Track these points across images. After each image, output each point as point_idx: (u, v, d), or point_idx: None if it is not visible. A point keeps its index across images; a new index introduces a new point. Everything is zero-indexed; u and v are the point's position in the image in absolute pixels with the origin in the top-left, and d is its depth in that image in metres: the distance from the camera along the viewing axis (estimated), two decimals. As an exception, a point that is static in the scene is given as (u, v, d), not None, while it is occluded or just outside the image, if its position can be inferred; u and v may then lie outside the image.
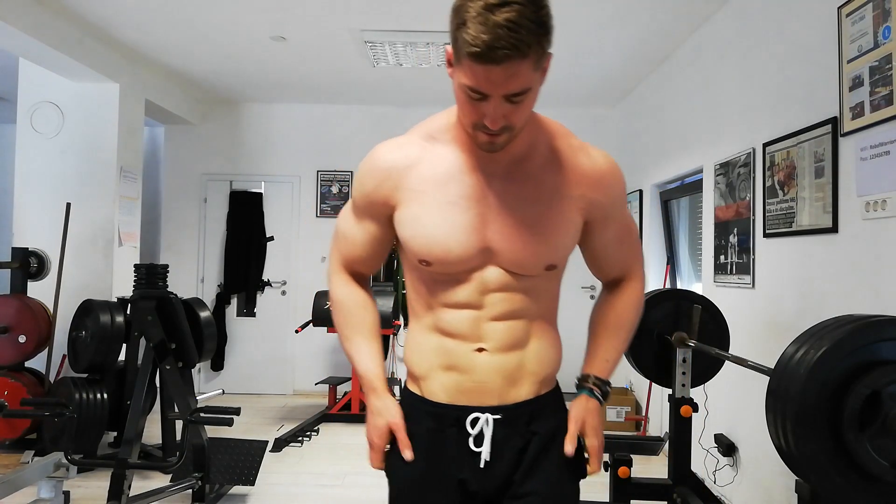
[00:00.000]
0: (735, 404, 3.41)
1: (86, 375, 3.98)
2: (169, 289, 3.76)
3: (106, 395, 3.93)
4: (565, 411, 1.32)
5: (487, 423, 1.23)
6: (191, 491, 3.36)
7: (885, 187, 2.25)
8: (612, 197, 1.27)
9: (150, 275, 3.72)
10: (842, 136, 2.52)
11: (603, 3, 3.77)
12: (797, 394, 1.48)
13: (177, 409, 3.55)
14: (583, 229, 1.27)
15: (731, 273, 3.48)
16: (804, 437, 1.48)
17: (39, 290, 4.50)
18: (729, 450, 3.44)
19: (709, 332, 2.70)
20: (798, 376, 1.50)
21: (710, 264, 3.81)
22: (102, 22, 4.27)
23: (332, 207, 6.39)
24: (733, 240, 3.47)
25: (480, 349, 1.23)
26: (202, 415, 3.26)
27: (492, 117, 1.09)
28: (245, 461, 3.52)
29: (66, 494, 2.92)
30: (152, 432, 4.22)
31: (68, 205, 4.59)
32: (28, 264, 4.48)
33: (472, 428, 1.23)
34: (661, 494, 2.72)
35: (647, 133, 5.22)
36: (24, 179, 4.84)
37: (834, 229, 2.56)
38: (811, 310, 2.71)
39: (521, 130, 1.16)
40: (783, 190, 2.96)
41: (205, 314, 4.00)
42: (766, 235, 3.12)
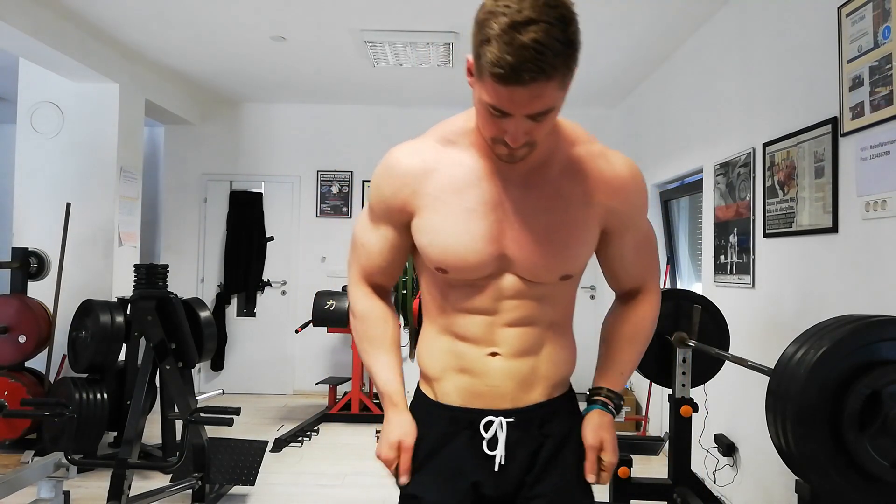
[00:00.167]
0: (735, 404, 3.41)
1: (86, 375, 3.99)
2: (169, 289, 3.76)
3: (106, 395, 3.93)
4: (578, 415, 1.31)
5: (501, 426, 1.22)
6: (191, 491, 3.36)
7: (885, 187, 2.25)
8: (632, 205, 1.24)
9: (150, 275, 3.72)
10: (842, 136, 2.52)
11: (603, 3, 3.77)
12: (797, 394, 1.48)
13: (177, 409, 3.55)
14: (600, 238, 1.25)
15: (731, 273, 3.48)
16: (804, 437, 1.48)
17: (39, 290, 4.50)
18: (729, 450, 3.44)
19: (709, 332, 2.70)
20: (798, 376, 1.50)
21: (710, 264, 3.81)
22: (102, 22, 4.27)
23: (332, 207, 6.39)
24: (733, 240, 3.47)
25: (494, 353, 1.22)
26: (202, 415, 3.26)
27: (513, 135, 1.06)
28: (245, 461, 3.52)
29: (66, 494, 2.92)
30: (152, 432, 4.21)
31: (68, 205, 4.59)
32: (28, 264, 4.48)
33: (485, 431, 1.23)
34: (661, 494, 2.72)
35: (648, 133, 5.22)
36: (24, 179, 4.84)
37: (834, 229, 2.56)
38: (811, 310, 2.71)
39: (543, 143, 1.13)
40: (783, 190, 2.96)
41: (205, 314, 4.00)
42: (766, 235, 3.12)
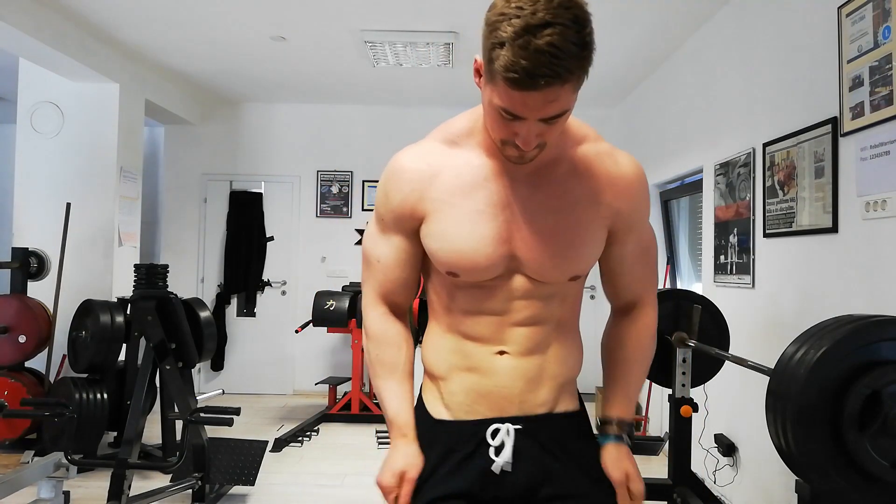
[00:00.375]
0: (735, 404, 3.41)
1: (86, 375, 3.99)
2: (169, 289, 3.76)
3: (106, 395, 3.94)
4: (593, 438, 1.29)
5: (508, 433, 1.20)
6: (191, 491, 3.36)
7: (885, 187, 2.25)
8: (637, 207, 1.23)
9: (150, 275, 3.72)
10: (842, 136, 2.52)
11: (603, 3, 3.77)
12: (797, 394, 1.48)
13: (177, 409, 3.55)
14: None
15: (731, 273, 3.48)
16: (804, 437, 1.48)
17: (39, 290, 4.50)
18: (729, 450, 3.44)
19: (709, 332, 2.70)
20: (798, 376, 1.50)
21: (710, 264, 3.81)
22: (103, 22, 4.27)
23: (332, 207, 6.39)
24: (733, 240, 3.47)
25: (502, 352, 1.21)
26: (202, 415, 3.26)
27: (525, 139, 1.05)
28: (245, 461, 3.52)
29: (66, 494, 2.92)
30: (152, 432, 4.22)
31: (68, 205, 4.59)
32: (28, 264, 4.48)
33: (492, 439, 1.21)
34: (661, 494, 2.72)
35: (648, 133, 5.22)
36: (24, 179, 4.84)
37: (834, 229, 2.56)
38: (811, 310, 2.71)
39: (552, 143, 1.12)
40: (783, 190, 2.96)
41: (205, 314, 4.00)
42: (766, 235, 3.12)
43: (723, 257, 3.61)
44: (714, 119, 3.83)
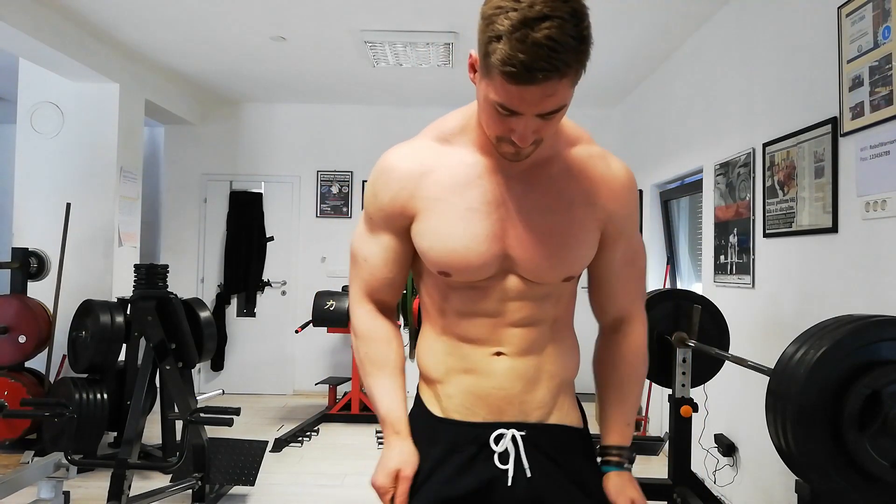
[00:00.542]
0: (735, 404, 3.41)
1: (86, 375, 3.99)
2: (169, 289, 3.76)
3: (106, 395, 3.93)
4: (594, 461, 1.27)
5: (515, 440, 1.18)
6: (191, 491, 3.36)
7: (885, 187, 2.25)
8: (629, 211, 1.22)
9: (150, 275, 3.72)
10: (842, 136, 2.52)
11: (603, 3, 3.77)
12: (797, 394, 1.48)
13: (177, 409, 3.55)
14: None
15: (731, 273, 3.48)
16: (804, 437, 1.48)
17: (39, 290, 4.50)
18: (729, 450, 3.44)
19: (709, 332, 2.70)
20: (798, 376, 1.50)
21: (710, 264, 3.81)
22: (102, 22, 4.27)
23: (332, 207, 6.39)
24: (733, 240, 3.47)
25: (499, 353, 1.19)
26: (202, 415, 3.26)
27: (521, 134, 1.03)
28: (245, 461, 3.52)
29: (66, 494, 2.92)
30: (152, 432, 4.21)
31: (68, 205, 4.59)
32: (28, 264, 4.48)
33: (496, 444, 1.18)
34: (661, 494, 2.72)
35: (648, 133, 5.22)
36: (24, 179, 4.84)
37: (834, 229, 2.56)
38: (811, 310, 2.71)
39: (548, 139, 1.10)
40: (783, 190, 2.96)
41: (205, 314, 4.00)
42: (766, 235, 3.12)
43: (723, 257, 3.61)
44: (714, 119, 3.83)
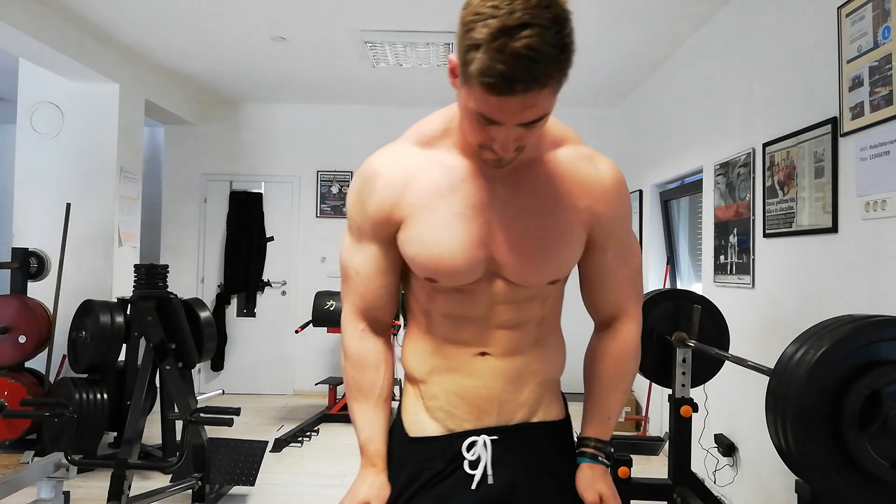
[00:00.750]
0: (735, 404, 3.41)
1: (86, 375, 3.99)
2: (169, 289, 3.76)
3: (106, 395, 3.94)
4: (573, 455, 1.27)
5: (485, 445, 1.18)
6: (191, 491, 3.36)
7: (885, 187, 2.25)
8: (617, 211, 1.19)
9: (150, 275, 3.72)
10: (842, 136, 2.52)
11: (604, 3, 3.77)
12: (797, 394, 1.48)
13: (177, 409, 3.55)
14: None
15: (731, 273, 3.48)
16: (804, 437, 1.48)
17: (39, 290, 4.50)
18: (729, 450, 3.44)
19: (709, 332, 2.70)
20: (798, 376, 1.50)
21: (710, 264, 3.81)
22: (103, 22, 4.27)
23: (332, 207, 6.39)
24: (733, 240, 3.47)
25: (483, 353, 1.19)
26: (202, 415, 3.26)
27: (502, 143, 1.00)
28: (245, 461, 3.52)
29: (66, 494, 2.92)
30: (152, 432, 4.22)
31: (68, 205, 4.59)
32: (28, 264, 4.48)
33: (468, 452, 1.18)
34: (661, 494, 2.72)
35: (648, 133, 5.22)
36: (24, 179, 4.84)
37: (834, 229, 2.56)
38: (811, 310, 2.71)
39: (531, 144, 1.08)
40: (783, 190, 2.96)
41: (205, 314, 4.00)
42: (765, 235, 3.12)
43: (723, 257, 3.61)
44: (714, 119, 3.83)
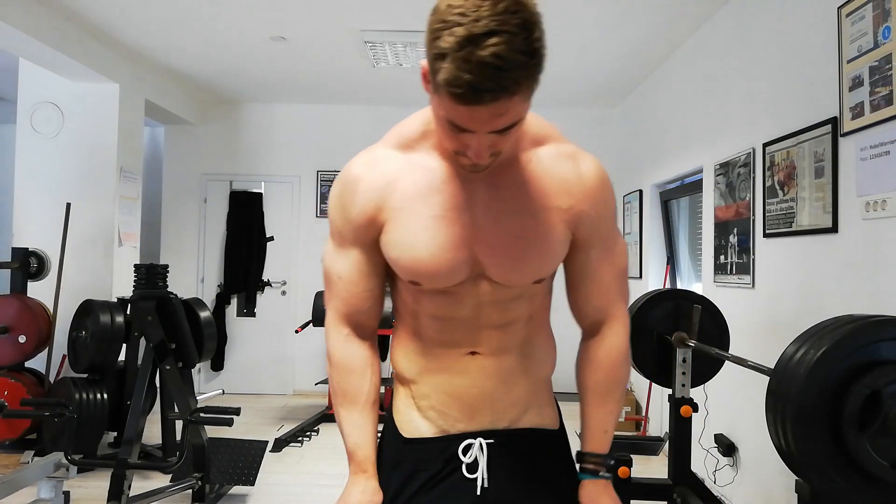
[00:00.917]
0: (735, 404, 3.41)
1: (86, 375, 3.99)
2: (169, 289, 3.76)
3: (106, 395, 3.94)
4: (570, 461, 1.27)
5: (482, 448, 1.17)
6: (191, 491, 3.36)
7: (885, 187, 2.25)
8: (600, 210, 1.16)
9: (150, 275, 3.72)
10: (842, 136, 2.52)
11: (604, 3, 3.77)
12: (797, 394, 1.48)
13: (177, 409, 3.55)
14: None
15: (731, 273, 3.48)
16: (804, 437, 1.48)
17: (39, 290, 4.50)
18: (729, 450, 3.44)
19: (709, 332, 2.70)
20: (798, 376, 1.50)
21: (710, 264, 3.81)
22: (103, 22, 4.27)
23: (332, 207, 6.38)
24: (733, 240, 3.47)
25: (473, 353, 1.18)
26: (202, 415, 3.26)
27: (476, 151, 0.98)
28: (245, 461, 3.52)
29: (66, 494, 2.92)
30: (152, 432, 4.21)
31: (68, 205, 4.59)
32: (28, 264, 4.48)
33: (464, 455, 1.17)
34: (661, 494, 2.72)
35: (648, 133, 5.22)
36: (24, 179, 4.84)
37: (834, 229, 2.56)
38: (811, 310, 2.70)
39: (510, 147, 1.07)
40: (783, 190, 2.96)
41: (205, 314, 4.00)
42: (766, 235, 3.12)
43: (723, 257, 3.61)
44: (714, 119, 3.83)
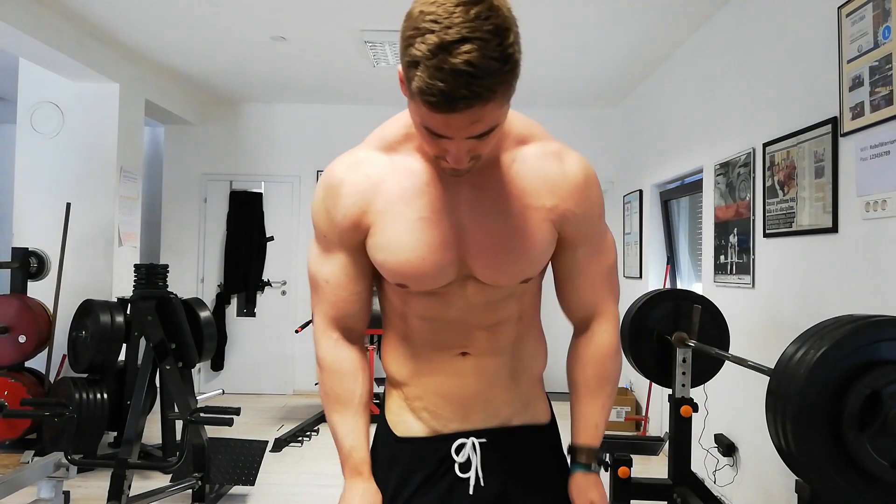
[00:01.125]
0: (735, 404, 3.41)
1: (86, 375, 3.99)
2: (169, 289, 3.76)
3: (106, 395, 3.94)
4: (562, 456, 1.27)
5: (474, 447, 1.18)
6: (191, 491, 3.36)
7: (885, 187, 2.25)
8: (586, 208, 1.15)
9: (150, 275, 3.72)
10: (842, 136, 2.52)
11: (604, 3, 3.77)
12: (797, 394, 1.48)
13: (177, 409, 3.55)
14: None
15: (731, 273, 3.48)
16: (804, 437, 1.48)
17: (39, 290, 4.50)
18: (729, 450, 3.44)
19: (709, 332, 2.70)
20: (798, 376, 1.50)
21: (710, 264, 3.81)
22: (103, 22, 4.27)
23: (332, 207, 6.39)
24: (733, 240, 3.47)
25: (464, 353, 1.18)
26: (202, 415, 3.26)
27: (455, 156, 0.98)
28: (245, 461, 3.52)
29: (66, 494, 2.92)
30: (152, 432, 4.21)
31: (68, 205, 4.59)
32: (28, 264, 4.48)
33: (457, 455, 1.18)
34: (661, 494, 2.72)
35: (648, 133, 5.22)
36: (24, 179, 4.84)
37: (834, 229, 2.56)
38: (811, 310, 2.70)
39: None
40: (783, 190, 2.96)
41: (205, 314, 4.00)
42: (766, 235, 3.12)
43: (723, 257, 3.61)
44: (714, 119, 3.83)
